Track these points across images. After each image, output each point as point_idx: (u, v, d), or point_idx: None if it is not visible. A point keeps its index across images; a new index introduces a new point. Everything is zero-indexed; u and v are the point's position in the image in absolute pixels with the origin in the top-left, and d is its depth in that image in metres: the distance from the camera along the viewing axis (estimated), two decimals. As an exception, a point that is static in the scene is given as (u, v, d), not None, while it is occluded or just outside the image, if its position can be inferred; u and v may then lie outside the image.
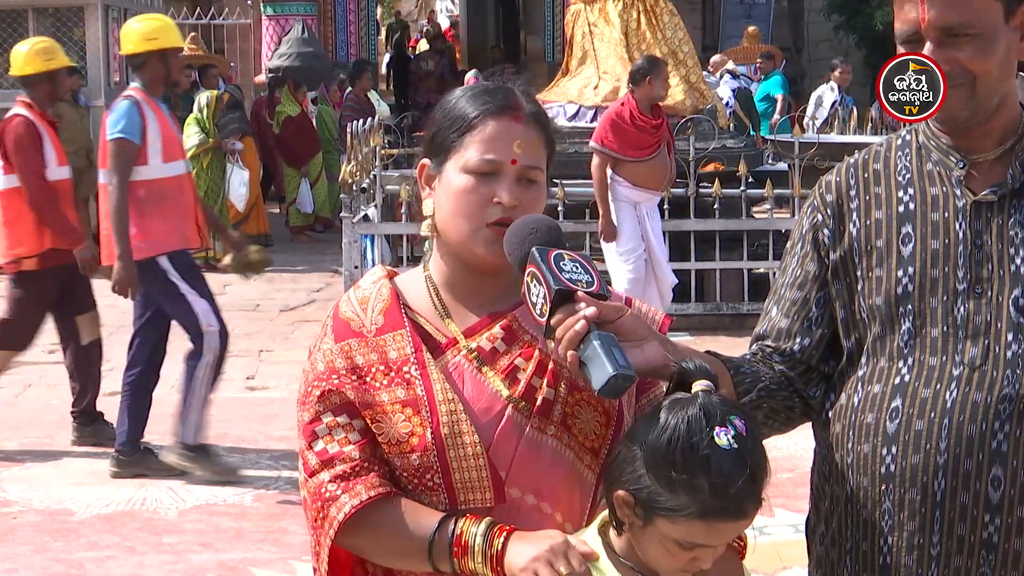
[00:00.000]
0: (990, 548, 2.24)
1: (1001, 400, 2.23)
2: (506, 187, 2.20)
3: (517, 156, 2.22)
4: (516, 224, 2.17)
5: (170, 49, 6.85)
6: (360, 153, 10.77)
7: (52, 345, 10.13)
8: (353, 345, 2.25)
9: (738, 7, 21.97)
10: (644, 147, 8.98)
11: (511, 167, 2.21)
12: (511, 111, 2.24)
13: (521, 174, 2.22)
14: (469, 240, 2.22)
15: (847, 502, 2.35)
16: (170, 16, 20.06)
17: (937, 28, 2.24)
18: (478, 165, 2.21)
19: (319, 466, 2.22)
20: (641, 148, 8.98)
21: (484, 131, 2.22)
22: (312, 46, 18.81)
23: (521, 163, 2.22)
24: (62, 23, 15.00)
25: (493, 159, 2.21)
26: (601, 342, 2.05)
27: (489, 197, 2.21)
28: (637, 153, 8.98)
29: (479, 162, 2.21)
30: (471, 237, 2.22)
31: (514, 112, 2.24)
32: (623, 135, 8.94)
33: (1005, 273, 2.27)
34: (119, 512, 6.34)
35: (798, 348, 2.42)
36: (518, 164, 2.22)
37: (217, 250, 13.56)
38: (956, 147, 2.33)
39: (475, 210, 2.21)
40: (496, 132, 2.22)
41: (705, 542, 2.10)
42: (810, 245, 2.42)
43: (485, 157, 2.21)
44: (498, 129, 2.22)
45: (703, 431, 2.05)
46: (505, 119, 2.23)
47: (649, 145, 8.99)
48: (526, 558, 2.09)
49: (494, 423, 2.21)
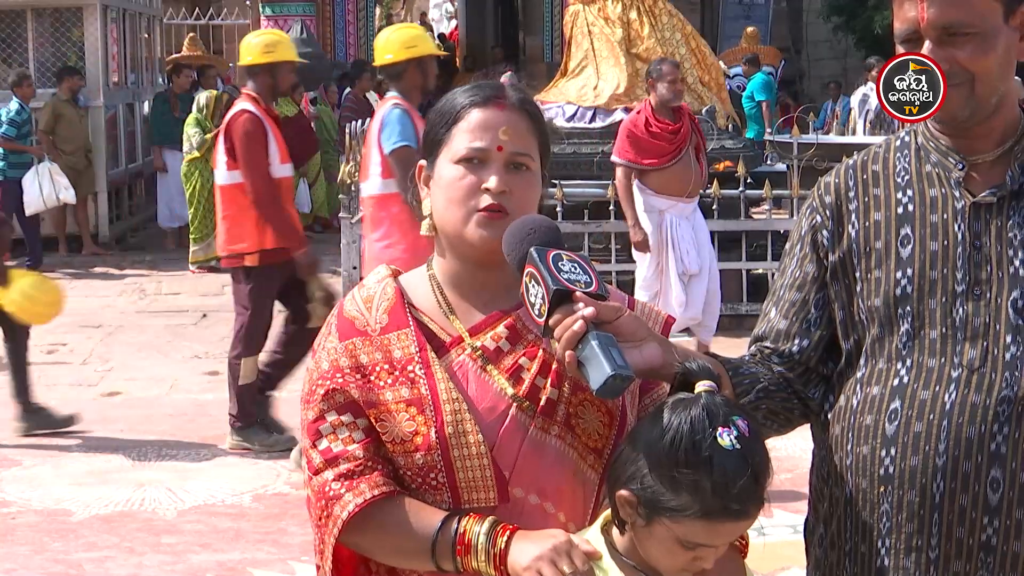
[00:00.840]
0: (989, 550, 2.24)
1: (1000, 402, 2.23)
2: (494, 173, 2.23)
3: (503, 143, 2.25)
4: (515, 224, 2.18)
5: (427, 56, 6.76)
6: (358, 153, 10.76)
7: (51, 345, 10.16)
8: (358, 344, 2.26)
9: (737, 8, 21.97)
10: (663, 154, 8.61)
11: (498, 154, 2.24)
12: (495, 100, 2.28)
13: (509, 160, 2.25)
14: (461, 227, 2.24)
15: (846, 504, 2.35)
16: (169, 16, 20.15)
17: (936, 27, 2.24)
18: (465, 152, 2.25)
19: (323, 464, 2.23)
20: (660, 155, 8.62)
21: (470, 120, 2.26)
22: (311, 46, 18.78)
23: (507, 149, 2.25)
24: (61, 23, 15.01)
25: (479, 146, 2.24)
26: (599, 342, 2.05)
27: (478, 184, 2.23)
28: (656, 161, 8.63)
29: (465, 150, 2.25)
30: (462, 224, 2.24)
31: (498, 100, 2.28)
32: (638, 144, 8.62)
33: (1004, 275, 2.27)
34: (118, 512, 6.34)
35: (797, 349, 2.42)
36: (504, 151, 2.24)
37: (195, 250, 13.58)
38: (955, 148, 2.33)
39: (465, 197, 2.23)
40: (481, 120, 2.26)
41: (707, 542, 2.11)
42: (809, 247, 2.42)
43: (471, 145, 2.25)
44: (483, 117, 2.26)
45: (706, 431, 2.06)
46: (490, 107, 2.27)
47: (668, 151, 8.61)
48: (529, 557, 2.10)
49: (498, 423, 2.22)
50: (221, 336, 10.53)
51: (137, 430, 7.79)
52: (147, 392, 8.85)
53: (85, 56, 14.91)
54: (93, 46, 14.89)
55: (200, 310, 11.63)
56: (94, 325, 10.96)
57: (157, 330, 10.79)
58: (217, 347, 10.10)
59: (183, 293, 12.49)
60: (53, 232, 14.46)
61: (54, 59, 14.95)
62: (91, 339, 10.44)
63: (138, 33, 16.97)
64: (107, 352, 10.05)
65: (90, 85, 14.67)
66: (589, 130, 10.62)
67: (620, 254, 9.99)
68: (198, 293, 12.48)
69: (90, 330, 10.77)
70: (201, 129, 13.51)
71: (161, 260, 13.90)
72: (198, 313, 11.50)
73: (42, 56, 14.95)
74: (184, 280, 13.10)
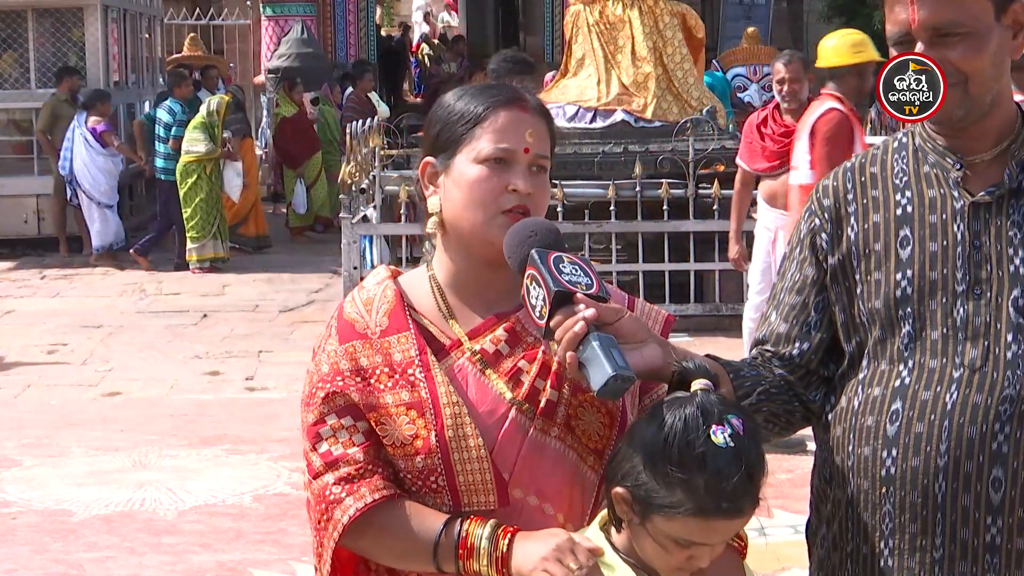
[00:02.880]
0: (993, 551, 2.24)
1: (1001, 401, 2.23)
2: (520, 175, 2.24)
3: (529, 144, 2.25)
4: (515, 227, 2.18)
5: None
6: (359, 154, 10.78)
7: (51, 345, 10.17)
8: (358, 347, 2.26)
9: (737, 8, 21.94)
10: (770, 158, 7.61)
11: (524, 155, 2.25)
12: (519, 102, 2.28)
13: (532, 162, 2.26)
14: (483, 228, 2.23)
15: (848, 505, 2.35)
16: (169, 16, 20.17)
17: (927, 28, 2.24)
18: (493, 153, 2.24)
19: (323, 468, 2.23)
20: (766, 159, 7.64)
21: (496, 121, 2.26)
22: (311, 47, 18.80)
23: (533, 151, 2.26)
24: (62, 23, 15.01)
25: (508, 147, 2.24)
26: (600, 343, 2.05)
27: (503, 185, 2.23)
28: (763, 165, 7.68)
29: (494, 150, 2.24)
30: (486, 225, 2.23)
31: (522, 103, 2.29)
32: (747, 143, 7.82)
33: (1004, 274, 2.26)
34: (118, 513, 6.34)
35: (797, 352, 2.42)
36: (531, 152, 2.25)
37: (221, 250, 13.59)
38: (952, 148, 2.33)
39: (490, 198, 2.23)
40: (508, 122, 2.26)
41: (701, 540, 2.11)
42: (808, 250, 2.42)
43: (500, 146, 2.24)
44: (509, 119, 2.26)
45: (700, 429, 2.07)
46: (515, 109, 2.27)
47: (776, 155, 7.56)
48: (534, 559, 2.10)
49: (498, 425, 2.22)
50: (221, 336, 10.55)
51: (137, 430, 7.78)
52: (147, 392, 8.85)
53: (86, 56, 14.91)
54: (94, 46, 14.89)
55: (200, 310, 11.63)
56: (94, 325, 10.96)
57: (157, 330, 10.78)
58: (217, 347, 10.11)
59: (183, 293, 12.50)
60: (53, 233, 14.47)
61: (54, 59, 14.96)
62: (91, 339, 10.45)
63: (139, 33, 16.97)
64: (107, 352, 10.05)
65: (91, 85, 14.66)
66: (590, 130, 10.62)
67: (620, 254, 9.99)
68: (198, 293, 12.48)
69: (90, 330, 10.77)
70: (209, 135, 13.44)
71: (161, 260, 13.90)
72: (198, 313, 11.50)
73: (42, 56, 14.95)
74: (184, 280, 13.10)
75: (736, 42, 19.89)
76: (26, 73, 14.84)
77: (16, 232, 14.60)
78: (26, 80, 14.87)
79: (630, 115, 10.61)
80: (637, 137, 10.44)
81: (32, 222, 14.62)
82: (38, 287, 12.86)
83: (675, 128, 10.24)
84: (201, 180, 13.37)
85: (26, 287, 12.83)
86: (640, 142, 10.36)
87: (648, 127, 10.57)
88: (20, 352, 9.97)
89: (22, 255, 14.35)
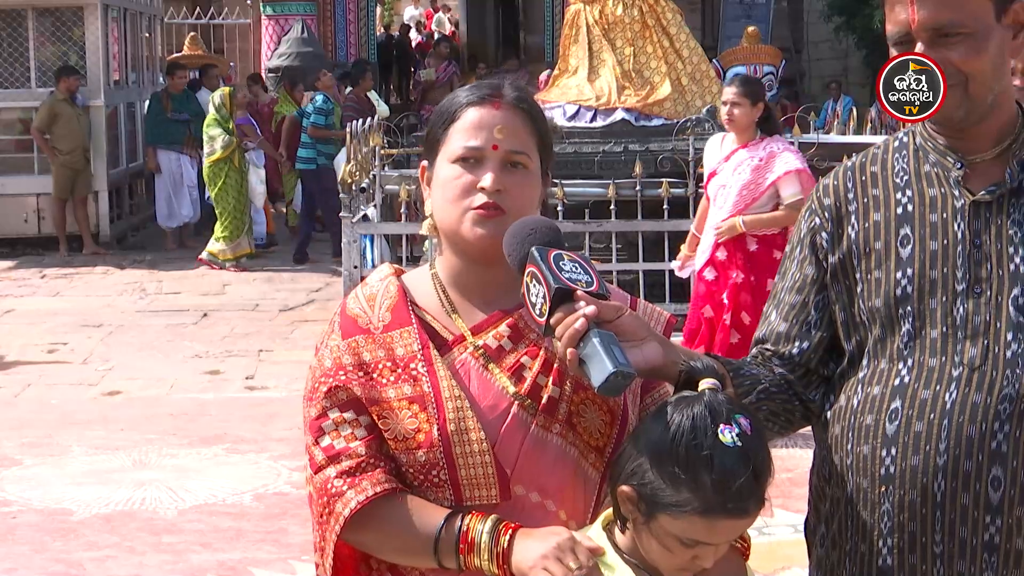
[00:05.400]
0: (992, 550, 2.25)
1: (1001, 400, 2.23)
2: (489, 171, 2.24)
3: (498, 141, 2.26)
4: (515, 225, 2.18)
5: None
6: (360, 153, 10.77)
7: (51, 345, 10.17)
8: (360, 342, 2.27)
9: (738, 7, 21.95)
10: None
11: (493, 152, 2.25)
12: (491, 99, 2.29)
13: (505, 159, 2.26)
14: (457, 225, 2.26)
15: (847, 504, 2.35)
16: (169, 16, 20.16)
17: (927, 28, 2.24)
18: (460, 152, 2.26)
19: (325, 462, 2.23)
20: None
21: (465, 120, 2.28)
22: (312, 46, 18.80)
23: (503, 148, 2.26)
24: (62, 22, 15.01)
25: (475, 145, 2.26)
26: (601, 340, 2.06)
27: (474, 183, 2.25)
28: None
29: (461, 149, 2.26)
30: (458, 221, 2.25)
31: (493, 99, 2.29)
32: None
33: (1004, 273, 2.27)
34: (118, 512, 6.34)
35: (797, 352, 2.42)
36: (500, 149, 2.26)
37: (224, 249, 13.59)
38: (953, 148, 2.33)
39: (460, 196, 2.25)
40: (476, 120, 2.27)
41: (706, 540, 2.11)
42: (808, 249, 2.43)
43: (467, 144, 2.26)
44: (478, 116, 2.27)
45: (708, 428, 2.07)
46: (485, 107, 2.28)
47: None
48: (534, 556, 2.11)
49: (500, 420, 2.23)
50: (221, 336, 10.55)
51: (137, 430, 7.79)
52: (147, 392, 8.85)
53: (86, 55, 14.91)
54: (94, 45, 14.89)
55: (200, 310, 11.63)
56: (94, 325, 10.96)
57: (157, 330, 10.79)
58: (217, 347, 10.12)
59: (183, 293, 12.50)
60: (53, 232, 14.47)
61: (55, 59, 14.96)
62: (91, 339, 10.45)
63: (139, 32, 16.97)
64: (107, 352, 10.06)
65: (91, 84, 14.68)
66: (590, 129, 10.61)
67: (621, 253, 9.99)
68: (198, 293, 12.49)
69: (90, 329, 10.77)
70: (224, 129, 13.49)
71: (161, 259, 13.90)
72: (198, 313, 11.51)
73: (43, 56, 14.95)
74: (184, 280, 13.10)
75: (736, 41, 19.89)
76: (26, 72, 14.83)
77: (16, 231, 14.60)
78: (26, 79, 14.86)
79: (630, 114, 10.60)
80: (637, 136, 10.44)
81: (32, 221, 14.62)
82: (38, 286, 12.86)
83: (675, 127, 10.23)
84: (230, 179, 13.45)
85: (26, 286, 12.83)
86: (640, 141, 10.35)
87: (648, 126, 10.56)
88: (20, 351, 9.98)
89: (22, 254, 14.35)
